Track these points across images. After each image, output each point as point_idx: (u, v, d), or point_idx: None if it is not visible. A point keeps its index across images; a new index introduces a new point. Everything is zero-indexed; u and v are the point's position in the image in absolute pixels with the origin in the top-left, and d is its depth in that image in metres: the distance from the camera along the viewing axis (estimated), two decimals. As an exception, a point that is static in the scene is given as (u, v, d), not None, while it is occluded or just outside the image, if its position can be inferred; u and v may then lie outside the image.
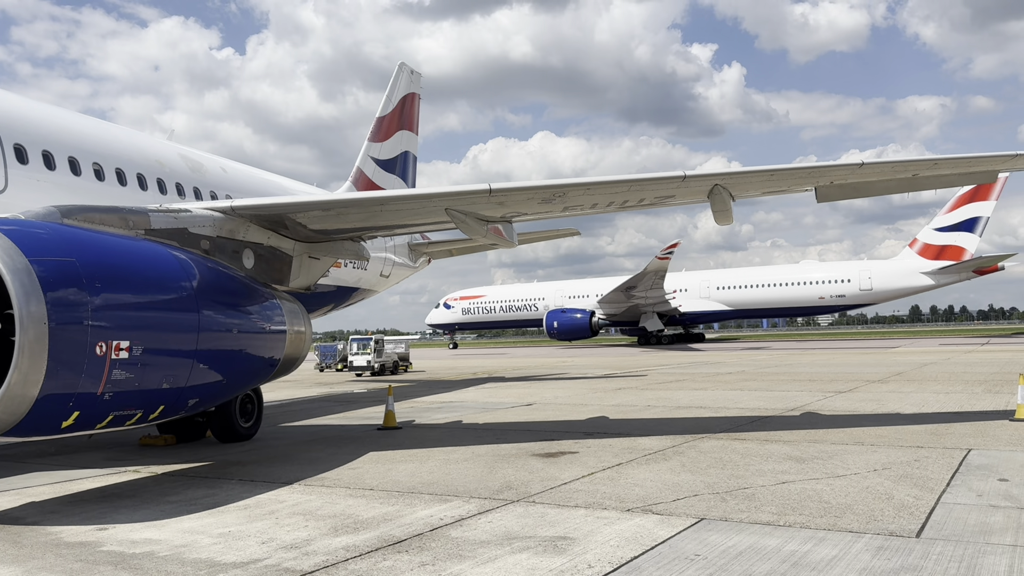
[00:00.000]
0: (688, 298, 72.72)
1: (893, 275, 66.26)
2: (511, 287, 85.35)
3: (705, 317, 75.06)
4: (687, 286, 73.70)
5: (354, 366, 38.45)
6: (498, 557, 6.55)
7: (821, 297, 68.51)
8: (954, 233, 64.12)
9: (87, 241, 9.24)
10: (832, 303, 69.59)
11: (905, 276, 65.68)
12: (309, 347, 13.65)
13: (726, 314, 75.62)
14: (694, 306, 72.66)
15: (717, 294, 72.90)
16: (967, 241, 63.55)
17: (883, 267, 67.88)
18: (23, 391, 7.97)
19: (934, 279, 64.69)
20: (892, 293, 67.66)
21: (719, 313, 74.62)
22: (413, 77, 31.75)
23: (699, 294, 73.22)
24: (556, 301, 75.61)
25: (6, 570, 6.61)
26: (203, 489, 9.98)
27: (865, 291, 66.74)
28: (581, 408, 18.44)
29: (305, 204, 13.54)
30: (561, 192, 12.92)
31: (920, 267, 65.00)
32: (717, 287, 73.25)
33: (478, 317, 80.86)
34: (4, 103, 14.39)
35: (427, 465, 11.15)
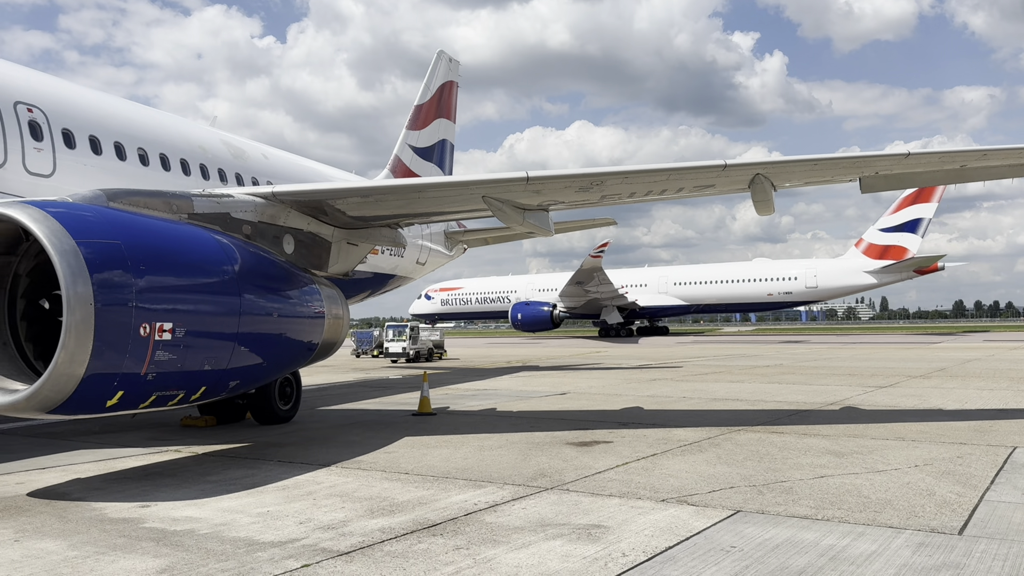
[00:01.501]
0: (647, 293, 75.37)
1: (838, 274, 68.72)
2: (486, 280, 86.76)
3: (662, 311, 77.53)
4: (647, 281, 76.67)
5: (390, 352, 38.79)
6: (532, 543, 6.57)
7: (770, 294, 71.39)
8: (897, 233, 66.27)
9: (132, 224, 9.42)
10: (780, 299, 72.45)
11: (849, 275, 68.04)
12: (347, 332, 13.79)
13: (682, 309, 78.14)
14: (652, 300, 75.18)
15: (674, 289, 75.54)
16: (909, 241, 65.55)
17: (829, 266, 70.41)
18: (69, 370, 8.17)
19: (876, 278, 67.01)
20: (836, 291, 70.73)
21: (675, 308, 77.18)
22: (451, 65, 31.76)
23: (657, 289, 75.98)
24: (527, 294, 77.66)
25: (53, 543, 6.80)
26: (242, 469, 10.16)
27: (811, 288, 69.41)
28: (615, 398, 18.39)
29: (344, 191, 13.64)
30: (599, 180, 12.85)
31: (864, 266, 67.13)
32: (674, 283, 75.95)
33: (455, 308, 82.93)
34: (52, 89, 14.69)
35: (461, 451, 11.21)
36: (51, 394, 8.22)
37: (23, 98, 13.51)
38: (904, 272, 66.38)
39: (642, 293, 74.94)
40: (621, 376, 25.60)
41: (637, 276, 77.55)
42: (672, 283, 75.95)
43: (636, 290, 74.70)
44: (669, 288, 75.74)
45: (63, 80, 15.99)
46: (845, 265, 69.09)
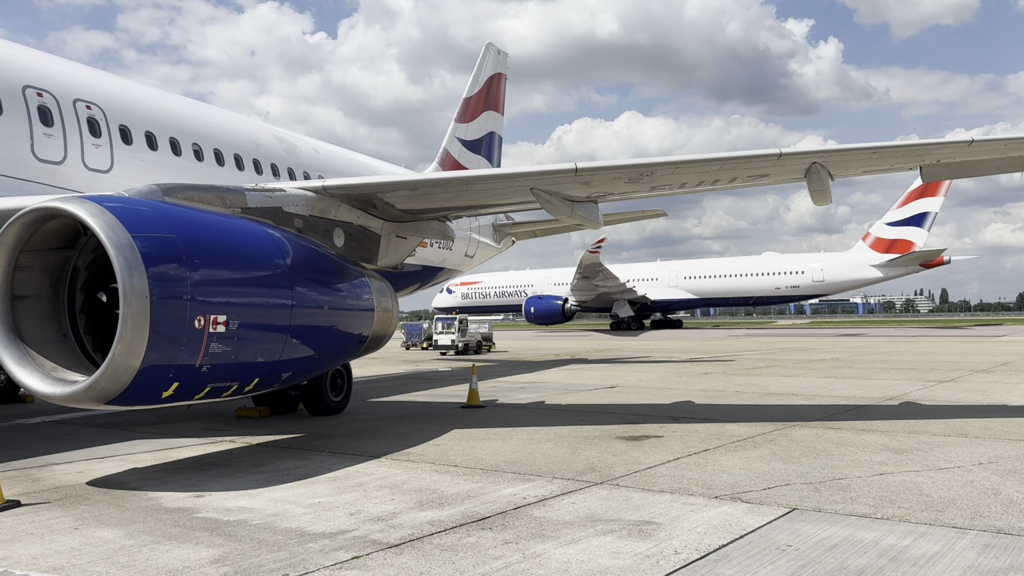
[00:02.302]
0: (658, 287, 76.44)
1: (844, 268, 69.27)
2: (505, 274, 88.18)
3: (673, 305, 78.22)
4: (657, 275, 77.66)
5: (439, 345, 39.00)
6: (582, 539, 6.50)
7: (777, 288, 72.14)
8: (904, 228, 66.57)
9: (187, 218, 9.58)
10: (787, 293, 73.20)
11: (855, 269, 68.56)
12: (396, 325, 13.86)
13: (692, 302, 79.22)
14: (663, 294, 76.10)
15: (684, 283, 76.50)
16: (916, 235, 65.90)
17: (836, 260, 70.93)
18: (126, 362, 8.34)
19: (882, 272, 67.39)
20: (843, 285, 71.13)
21: (686, 301, 78.03)
22: (500, 57, 31.69)
23: (668, 283, 76.93)
24: (543, 288, 78.48)
25: (110, 532, 6.95)
26: (295, 460, 10.28)
27: (817, 282, 70.19)
28: (666, 392, 18.17)
29: (393, 184, 13.69)
30: (649, 171, 12.65)
31: (870, 260, 67.61)
32: (684, 276, 76.85)
33: (475, 302, 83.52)
34: (109, 86, 15.05)
35: (510, 444, 11.17)
36: (108, 385, 8.41)
37: (81, 95, 13.86)
38: (910, 266, 66.56)
39: (653, 287, 75.97)
40: (671, 370, 25.31)
41: (648, 270, 78.82)
42: (682, 277, 76.88)
43: (647, 284, 75.74)
44: (679, 282, 76.73)
45: (120, 77, 16.38)
46: (852, 259, 69.44)
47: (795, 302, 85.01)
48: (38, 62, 14.17)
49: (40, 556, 6.23)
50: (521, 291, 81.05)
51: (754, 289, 73.61)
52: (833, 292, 75.25)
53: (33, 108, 12.92)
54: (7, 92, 12.68)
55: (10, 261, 8.97)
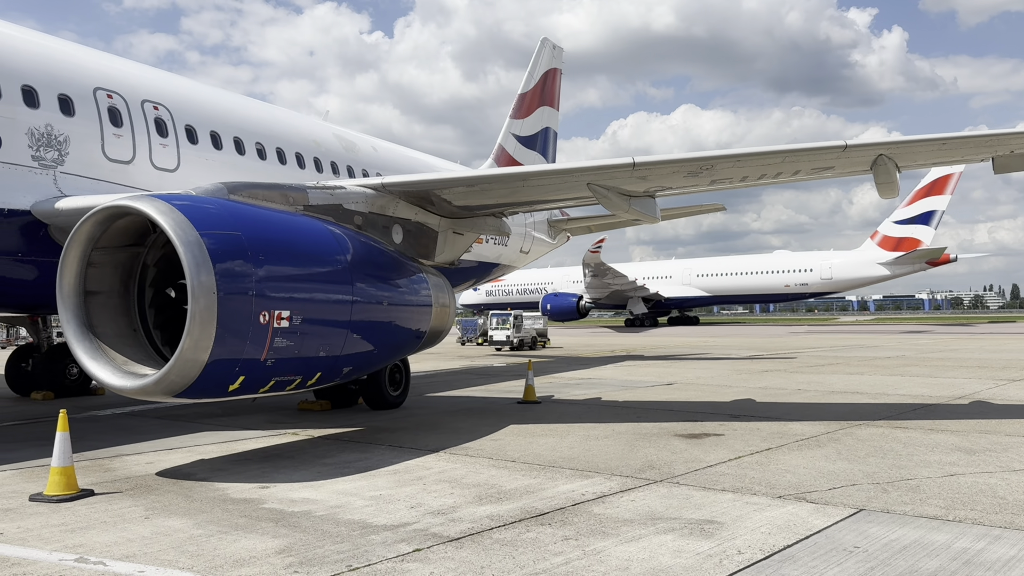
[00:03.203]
0: (672, 284, 77.64)
1: (852, 266, 69.92)
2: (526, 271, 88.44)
3: (686, 302, 79.40)
4: (671, 273, 78.96)
5: (494, 340, 39.15)
6: (642, 536, 6.44)
7: (787, 285, 73.02)
8: (911, 226, 66.98)
9: (251, 216, 9.78)
10: (796, 291, 74.07)
11: (863, 267, 69.05)
12: (453, 320, 13.94)
13: (705, 300, 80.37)
14: (677, 292, 77.24)
15: (697, 281, 77.58)
16: (923, 233, 66.32)
17: (844, 258, 71.59)
18: (194, 356, 8.56)
19: (890, 269, 67.83)
20: (851, 282, 71.88)
21: (698, 299, 79.12)
22: (555, 52, 31.58)
23: (681, 280, 78.07)
24: (562, 285, 79.68)
25: (179, 521, 7.15)
26: (356, 453, 10.43)
27: (826, 280, 70.93)
28: (725, 389, 17.90)
29: (450, 180, 13.77)
30: (708, 165, 12.45)
31: (878, 258, 68.02)
32: (697, 274, 77.94)
33: (498, 298, 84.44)
34: (175, 87, 15.45)
35: (567, 440, 11.15)
36: (177, 379, 8.65)
37: (149, 96, 14.27)
38: (916, 264, 67.13)
39: (667, 284, 77.24)
40: (730, 367, 24.94)
41: (662, 268, 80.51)
42: (695, 275, 78.00)
43: (660, 281, 77.03)
44: (692, 280, 77.85)
45: (185, 78, 16.81)
46: (860, 258, 70.07)
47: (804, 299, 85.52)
48: (107, 64, 14.62)
49: (114, 544, 6.44)
50: (542, 288, 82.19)
51: (765, 287, 74.85)
52: (842, 290, 76.44)
53: (103, 109, 13.35)
54: (79, 94, 13.12)
55: (83, 258, 9.29)
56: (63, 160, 12.57)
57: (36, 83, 12.53)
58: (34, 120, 12.31)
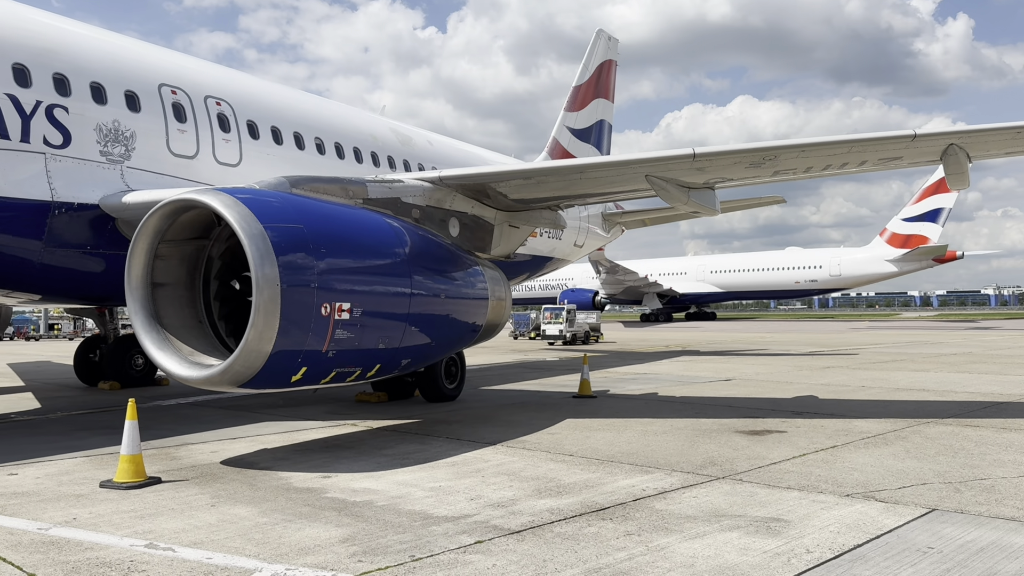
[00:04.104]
0: (686, 280, 79.84)
1: (860, 262, 71.58)
2: None
3: (700, 298, 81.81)
4: (686, 270, 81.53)
5: (546, 335, 39.08)
6: (707, 534, 6.32)
7: (797, 281, 75.13)
8: (919, 223, 68.56)
9: (313, 209, 9.90)
10: (806, 287, 76.10)
11: (871, 263, 70.72)
12: (509, 314, 13.93)
13: (718, 296, 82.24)
14: (691, 288, 79.55)
15: (711, 277, 79.86)
16: (930, 231, 67.90)
17: (853, 255, 73.27)
18: (258, 347, 8.70)
19: (897, 266, 69.34)
20: (859, 279, 73.84)
21: (712, 295, 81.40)
22: (610, 44, 31.32)
23: (695, 277, 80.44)
24: (582, 281, 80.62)
25: (245, 509, 7.26)
26: (414, 444, 10.49)
27: (835, 276, 72.86)
28: (786, 386, 17.54)
29: (507, 173, 13.74)
30: (772, 155, 12.17)
31: (886, 255, 69.58)
32: (711, 271, 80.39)
33: (522, 294, 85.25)
34: (237, 83, 15.73)
35: (625, 435, 11.03)
36: (242, 369, 8.79)
37: (212, 92, 14.55)
38: (923, 260, 68.49)
39: (681, 281, 79.33)
40: (790, 363, 24.44)
41: (677, 265, 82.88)
42: (708, 271, 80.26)
43: (675, 278, 79.09)
44: (706, 276, 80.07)
45: (245, 74, 17.10)
46: (868, 254, 71.56)
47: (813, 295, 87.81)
48: (171, 60, 14.96)
49: (182, 531, 6.57)
50: (563, 284, 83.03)
51: (775, 283, 76.81)
52: (850, 286, 78.84)
53: (168, 105, 13.65)
54: (144, 90, 13.45)
55: (150, 250, 9.51)
56: (129, 155, 12.90)
57: (104, 80, 12.87)
58: (102, 116, 12.66)
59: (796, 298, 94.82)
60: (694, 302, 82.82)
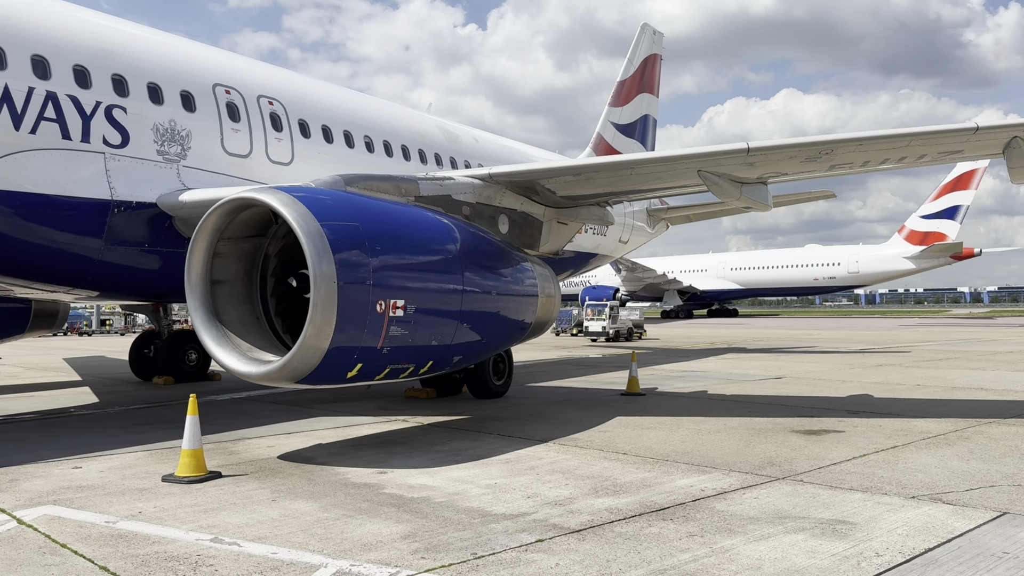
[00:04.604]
0: (707, 277, 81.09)
1: (878, 259, 72.56)
2: None
3: (720, 295, 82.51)
4: (707, 267, 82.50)
5: (589, 331, 38.87)
6: (771, 535, 6.22)
7: (815, 279, 76.17)
8: (937, 220, 69.06)
9: (368, 207, 9.97)
10: (824, 284, 77.04)
11: (889, 260, 71.50)
12: (558, 311, 13.88)
13: (738, 292, 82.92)
14: (711, 285, 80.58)
15: (731, 274, 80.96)
16: (948, 228, 68.29)
17: (871, 252, 74.24)
18: (316, 343, 8.78)
19: (915, 263, 69.94)
20: (877, 276, 74.39)
21: (732, 292, 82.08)
22: (655, 38, 31.03)
23: (716, 274, 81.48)
24: (604, 278, 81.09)
25: (305, 504, 7.34)
26: (466, 441, 10.51)
27: (853, 274, 73.86)
28: (839, 384, 17.22)
29: (557, 169, 13.68)
30: (828, 149, 11.92)
31: (904, 252, 70.20)
32: (731, 268, 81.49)
33: None
34: (288, 82, 15.91)
35: (678, 434, 10.93)
36: (300, 365, 8.89)
37: (264, 92, 14.73)
38: (940, 258, 68.89)
39: (702, 278, 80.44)
40: (841, 360, 24.00)
41: (698, 262, 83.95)
42: (729, 268, 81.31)
43: (696, 275, 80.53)
44: (726, 273, 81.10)
45: (296, 73, 17.28)
46: (886, 252, 72.28)
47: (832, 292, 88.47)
48: (224, 60, 15.18)
49: (245, 525, 6.66)
50: (584, 281, 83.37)
51: (794, 280, 77.81)
52: (868, 283, 79.21)
53: (222, 105, 13.86)
54: (199, 90, 13.66)
55: (209, 248, 9.66)
56: (185, 154, 13.13)
57: (160, 80, 13.11)
58: (159, 116, 12.89)
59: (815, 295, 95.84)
60: (714, 299, 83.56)
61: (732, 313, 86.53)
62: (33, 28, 11.83)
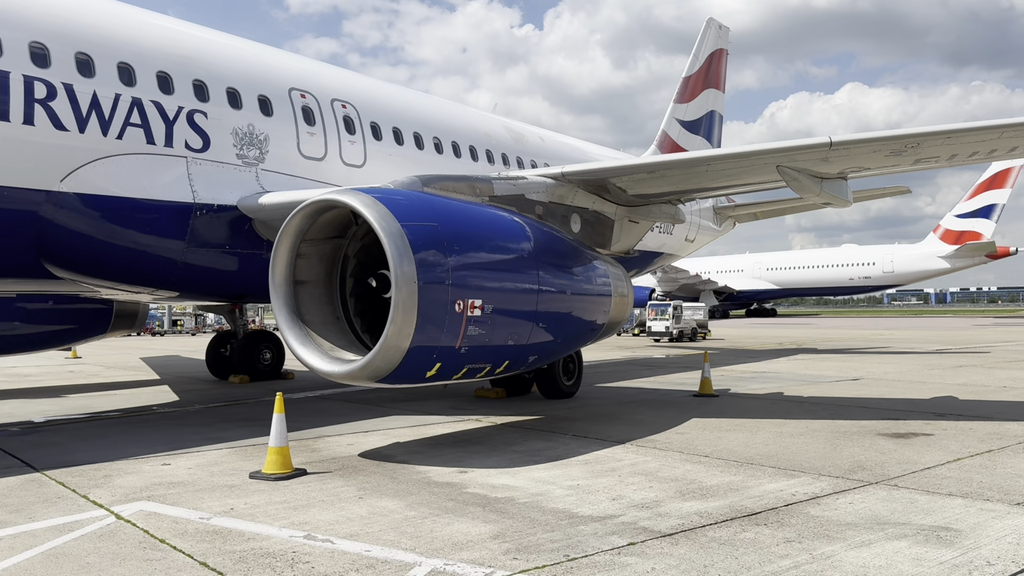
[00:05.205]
0: (743, 277, 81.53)
1: (913, 259, 72.43)
2: None
3: (757, 295, 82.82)
4: (743, 267, 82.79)
5: (652, 331, 38.46)
6: (872, 542, 6.01)
7: (851, 278, 76.29)
8: (972, 219, 68.49)
9: (445, 207, 10.00)
10: (860, 284, 77.15)
11: (924, 260, 71.41)
12: (631, 311, 13.72)
13: (774, 292, 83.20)
14: (747, 285, 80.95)
15: (767, 274, 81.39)
16: (984, 227, 67.80)
17: (906, 251, 74.10)
18: (397, 343, 8.85)
19: (950, 263, 69.65)
20: (912, 275, 74.10)
21: (768, 292, 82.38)
22: (721, 32, 30.54)
23: (752, 274, 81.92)
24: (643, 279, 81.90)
25: (391, 502, 7.39)
26: (541, 441, 10.46)
27: (888, 273, 73.82)
28: (919, 386, 16.65)
29: (630, 167, 13.54)
30: (915, 142, 11.51)
31: (939, 251, 69.90)
32: (767, 268, 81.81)
33: None
34: (360, 85, 16.11)
35: (759, 436, 10.69)
36: (381, 365, 8.96)
37: (338, 95, 14.94)
38: (975, 257, 68.73)
39: (738, 278, 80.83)
40: (918, 361, 23.23)
41: (733, 262, 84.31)
42: (765, 268, 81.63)
43: (732, 275, 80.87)
44: (762, 273, 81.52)
45: (367, 76, 17.49)
46: (921, 251, 72.32)
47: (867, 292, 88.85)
48: (298, 65, 15.45)
49: (336, 523, 6.73)
50: None
51: (830, 280, 77.95)
52: (903, 283, 79.01)
53: (298, 109, 14.09)
54: (276, 94, 13.92)
55: (292, 249, 9.82)
56: (263, 158, 13.39)
57: (238, 85, 13.39)
58: (238, 120, 13.17)
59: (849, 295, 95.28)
60: (751, 299, 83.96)
61: (771, 313, 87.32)
62: (118, 36, 12.20)
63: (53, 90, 11.02)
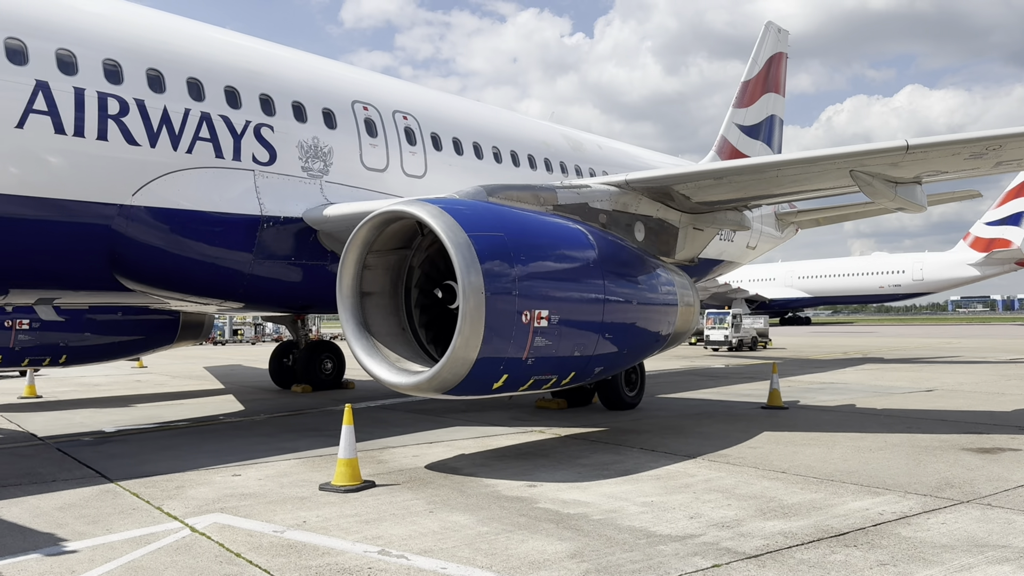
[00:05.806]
0: (775, 286, 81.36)
1: (943, 267, 72.03)
2: None
3: (789, 303, 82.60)
4: (775, 276, 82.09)
5: (710, 340, 37.81)
6: (972, 566, 5.68)
7: (881, 287, 76.04)
8: (1002, 227, 67.67)
9: (511, 217, 9.90)
10: (890, 292, 76.80)
11: (953, 268, 70.96)
12: (698, 320, 13.42)
13: (805, 301, 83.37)
14: (779, 293, 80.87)
15: (798, 283, 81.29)
16: (1013, 234, 66.98)
17: (935, 259, 73.68)
18: (464, 354, 8.75)
19: (980, 270, 69.31)
20: (942, 283, 73.82)
21: (800, 300, 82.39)
22: (780, 36, 29.96)
23: (784, 283, 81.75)
24: None
25: (463, 517, 7.28)
26: (609, 455, 10.26)
27: (917, 281, 73.55)
28: (998, 397, 15.96)
29: (696, 174, 13.25)
30: (997, 144, 11.01)
31: (968, 259, 69.42)
32: (799, 276, 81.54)
33: None
34: (419, 97, 16.16)
35: (836, 451, 10.30)
36: (449, 376, 8.88)
37: (399, 107, 15.00)
38: (1006, 264, 68.33)
39: (770, 286, 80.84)
40: (992, 371, 22.33)
41: (765, 271, 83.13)
42: (797, 277, 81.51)
43: (764, 283, 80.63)
44: (794, 282, 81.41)
45: (426, 88, 17.54)
46: (951, 259, 71.91)
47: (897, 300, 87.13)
48: (359, 78, 15.57)
49: (409, 538, 6.64)
50: None
51: (860, 288, 77.96)
52: (933, 291, 78.68)
53: (360, 121, 14.18)
54: (339, 107, 14.03)
55: (359, 260, 9.82)
56: (328, 170, 13.49)
57: (303, 99, 13.53)
58: (303, 134, 13.30)
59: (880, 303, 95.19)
60: (783, 307, 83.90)
61: (805, 321, 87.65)
62: (187, 52, 12.42)
63: (126, 106, 11.25)
